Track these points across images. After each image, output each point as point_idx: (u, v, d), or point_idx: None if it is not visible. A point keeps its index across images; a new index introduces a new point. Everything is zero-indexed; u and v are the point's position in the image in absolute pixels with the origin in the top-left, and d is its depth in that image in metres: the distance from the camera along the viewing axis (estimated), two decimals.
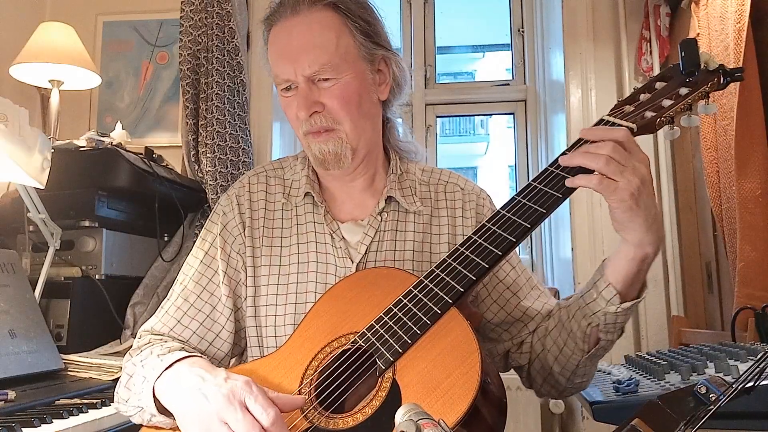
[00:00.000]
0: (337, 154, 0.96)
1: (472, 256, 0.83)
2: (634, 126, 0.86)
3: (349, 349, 0.82)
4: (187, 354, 0.88)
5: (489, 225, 0.85)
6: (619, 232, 0.84)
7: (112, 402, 1.20)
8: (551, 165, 0.86)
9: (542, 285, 1.08)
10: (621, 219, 0.82)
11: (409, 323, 0.79)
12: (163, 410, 0.85)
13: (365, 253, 0.99)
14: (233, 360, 1.05)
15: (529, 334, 1.02)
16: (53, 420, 1.11)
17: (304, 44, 0.93)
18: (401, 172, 1.07)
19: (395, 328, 0.79)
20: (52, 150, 1.53)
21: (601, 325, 0.88)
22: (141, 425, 0.91)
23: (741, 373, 0.82)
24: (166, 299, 1.03)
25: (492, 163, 6.68)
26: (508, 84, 2.80)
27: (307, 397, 0.80)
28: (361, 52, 0.96)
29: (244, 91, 2.33)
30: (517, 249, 1.01)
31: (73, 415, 1.16)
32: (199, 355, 0.93)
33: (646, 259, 0.84)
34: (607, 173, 0.79)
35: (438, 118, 2.84)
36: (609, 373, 1.25)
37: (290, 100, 0.96)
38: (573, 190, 0.82)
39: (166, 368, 0.85)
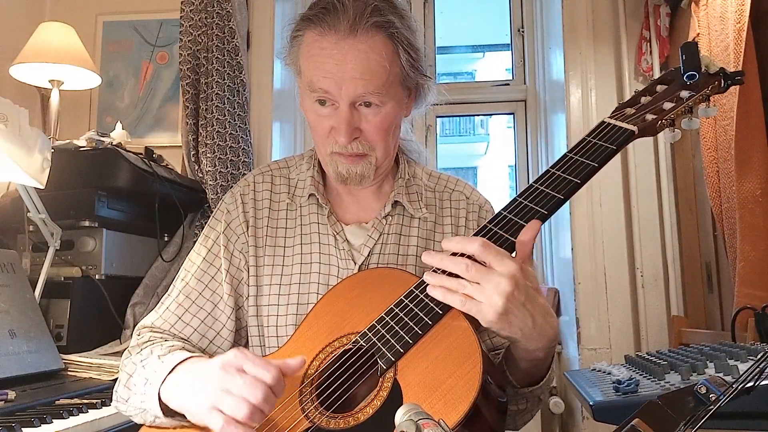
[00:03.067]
0: (362, 175, 0.96)
1: None
2: (635, 128, 0.86)
3: (351, 348, 0.82)
4: (188, 356, 0.87)
5: (490, 226, 0.85)
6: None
7: (112, 402, 1.20)
8: (552, 167, 0.86)
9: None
10: (501, 335, 0.80)
11: (411, 323, 0.79)
12: (169, 413, 0.85)
13: (368, 255, 0.99)
14: None
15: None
16: (53, 420, 1.11)
17: (357, 70, 0.89)
18: (408, 176, 1.07)
19: (396, 328, 0.80)
20: (52, 150, 1.53)
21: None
22: (141, 425, 0.90)
23: (741, 373, 0.82)
24: (166, 295, 1.03)
25: (492, 163, 6.70)
26: (508, 84, 2.81)
27: (309, 387, 0.80)
28: (403, 79, 0.96)
29: (244, 91, 2.32)
30: None
31: (73, 415, 1.16)
32: (199, 354, 0.92)
33: (540, 361, 0.85)
34: (469, 293, 0.75)
35: (438, 118, 2.84)
36: (609, 373, 1.25)
37: (325, 117, 0.94)
38: (574, 191, 0.82)
39: (169, 372, 0.85)
